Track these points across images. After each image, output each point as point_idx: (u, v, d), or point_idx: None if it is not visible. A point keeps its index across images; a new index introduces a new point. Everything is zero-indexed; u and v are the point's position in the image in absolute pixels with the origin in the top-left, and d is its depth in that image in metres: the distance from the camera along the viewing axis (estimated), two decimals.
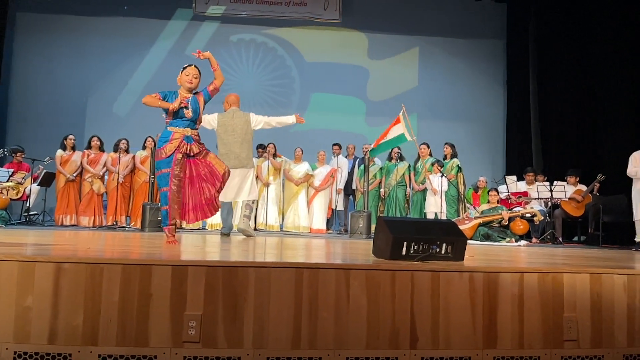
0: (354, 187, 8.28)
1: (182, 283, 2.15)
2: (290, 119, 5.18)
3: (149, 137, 7.58)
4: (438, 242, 2.74)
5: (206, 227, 7.42)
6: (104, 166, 7.51)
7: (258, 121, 5.13)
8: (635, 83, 8.57)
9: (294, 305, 2.19)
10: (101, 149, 7.60)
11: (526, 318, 2.38)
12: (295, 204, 7.81)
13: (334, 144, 8.53)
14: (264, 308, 2.18)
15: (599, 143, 8.88)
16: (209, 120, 5.13)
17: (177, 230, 3.83)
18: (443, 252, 2.76)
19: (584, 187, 7.78)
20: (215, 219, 6.90)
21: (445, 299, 2.32)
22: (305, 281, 2.21)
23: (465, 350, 2.30)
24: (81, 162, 7.47)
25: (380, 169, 8.07)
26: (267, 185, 7.52)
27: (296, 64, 10.33)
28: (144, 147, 7.62)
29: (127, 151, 7.52)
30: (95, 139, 7.60)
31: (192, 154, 3.71)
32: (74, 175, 7.43)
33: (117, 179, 7.22)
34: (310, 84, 10.24)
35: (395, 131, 7.60)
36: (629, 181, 6.65)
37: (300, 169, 7.90)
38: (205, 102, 3.83)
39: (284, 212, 7.87)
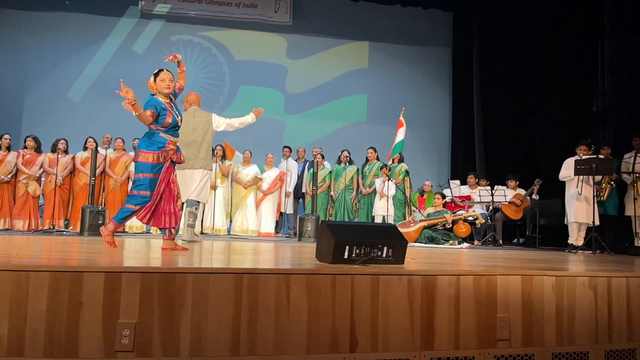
0: (303, 190, 8.29)
1: (115, 290, 2.08)
2: (250, 118, 5.11)
3: (90, 137, 7.31)
4: (379, 246, 2.78)
5: (150, 231, 7.22)
6: (40, 167, 7.16)
7: (220, 122, 5.03)
8: (569, 94, 9.06)
9: (233, 311, 2.16)
10: (38, 149, 7.24)
11: (462, 319, 2.45)
12: (243, 207, 7.73)
13: (284, 147, 8.51)
14: (202, 315, 2.13)
15: (537, 150, 9.31)
16: None
17: (120, 233, 3.76)
18: (384, 255, 2.80)
19: (522, 192, 8.11)
20: None
21: (385, 302, 2.36)
22: (245, 287, 2.19)
23: (404, 353, 2.34)
24: (16, 163, 7.10)
25: (330, 172, 8.12)
26: (214, 188, 7.40)
27: (227, 61, 10.23)
28: (85, 148, 7.33)
29: (66, 152, 7.20)
30: (29, 139, 7.23)
31: (178, 162, 3.74)
32: (9, 176, 7.05)
33: (55, 181, 6.91)
34: (239, 79, 10.18)
35: (400, 135, 7.76)
36: (563, 186, 6.99)
37: (249, 172, 7.83)
38: None
39: (231, 215, 7.78)
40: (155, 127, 3.60)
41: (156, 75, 3.69)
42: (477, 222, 7.31)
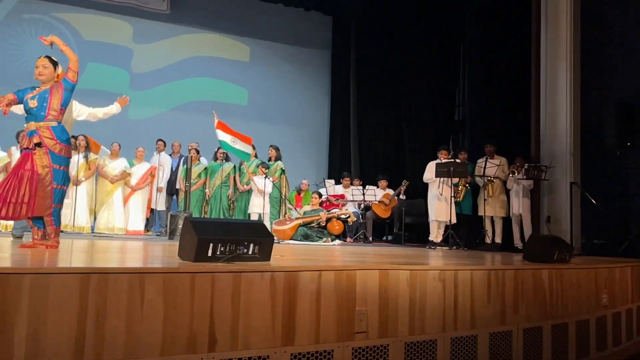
0: (177, 186, 7.97)
1: None
2: (115, 108, 4.74)
3: None
4: (245, 243, 2.75)
5: None
6: None
7: (82, 111, 4.55)
8: (434, 102, 9.82)
9: (78, 315, 1.98)
10: None
11: (322, 314, 2.50)
12: (109, 203, 7.20)
13: (158, 140, 8.10)
14: (40, 319, 1.93)
15: (405, 153, 9.96)
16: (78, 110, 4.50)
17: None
18: (250, 252, 2.77)
19: (391, 192, 8.61)
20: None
21: (246, 300, 2.33)
22: (93, 288, 2.02)
23: (264, 349, 2.33)
24: None
25: (205, 168, 7.91)
26: (76, 183, 6.82)
27: (76, 40, 9.53)
28: None
29: None
30: None
31: (30, 147, 3.43)
32: None
33: None
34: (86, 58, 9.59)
35: (221, 136, 7.43)
36: (427, 187, 7.54)
37: (116, 166, 7.33)
38: (68, 90, 3.55)
39: (96, 212, 7.22)
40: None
41: None
42: (349, 220, 7.61)
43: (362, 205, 8.33)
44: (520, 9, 8.00)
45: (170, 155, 8.26)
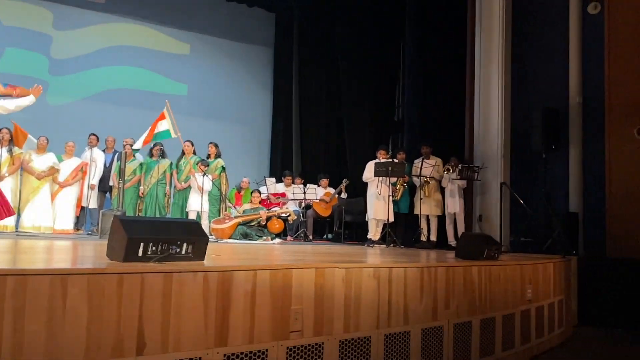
0: (111, 183, 7.66)
1: None
2: (29, 100, 4.47)
3: None
4: (178, 242, 2.67)
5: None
6: None
7: None
8: (375, 103, 9.98)
9: None
10: None
11: (257, 314, 2.48)
12: (35, 201, 6.80)
13: (91, 134, 7.74)
14: None
15: (346, 152, 10.07)
16: None
17: None
18: (183, 252, 2.70)
19: (332, 190, 8.68)
20: None
21: (178, 301, 2.26)
22: (9, 291, 1.90)
23: (196, 351, 2.28)
24: None
25: (140, 164, 7.65)
26: None
27: None
28: None
29: None
30: None
31: None
32: None
33: None
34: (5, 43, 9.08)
35: (160, 127, 7.38)
36: (367, 186, 7.66)
37: (44, 161, 6.93)
38: None
39: (20, 210, 6.79)
40: None
41: None
42: (289, 218, 7.60)
43: (303, 204, 8.35)
44: (458, 12, 8.29)
45: (103, 150, 7.93)
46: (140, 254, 2.53)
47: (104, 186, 7.75)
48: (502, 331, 3.84)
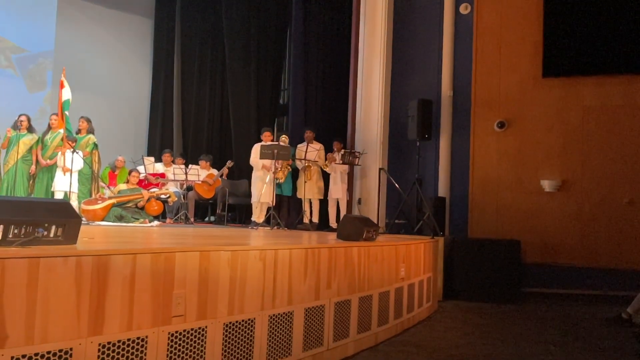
0: None
1: None
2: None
3: None
4: (46, 225, 2.43)
5: None
6: None
7: None
8: (261, 86, 9.88)
9: None
10: None
11: (136, 299, 2.35)
12: None
13: None
14: None
15: (230, 133, 9.87)
16: None
17: None
18: (52, 235, 2.46)
19: (215, 172, 8.49)
20: None
21: (45, 288, 2.06)
22: None
23: (66, 342, 2.10)
24: None
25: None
26: None
27: None
28: None
29: None
30: None
31: None
32: None
33: None
34: None
35: (64, 96, 6.79)
36: (251, 168, 7.61)
37: None
38: None
39: None
40: None
41: None
42: (169, 200, 7.30)
43: (185, 185, 8.06)
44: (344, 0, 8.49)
45: None
46: (0, 237, 2.27)
47: None
48: (378, 308, 4.08)
